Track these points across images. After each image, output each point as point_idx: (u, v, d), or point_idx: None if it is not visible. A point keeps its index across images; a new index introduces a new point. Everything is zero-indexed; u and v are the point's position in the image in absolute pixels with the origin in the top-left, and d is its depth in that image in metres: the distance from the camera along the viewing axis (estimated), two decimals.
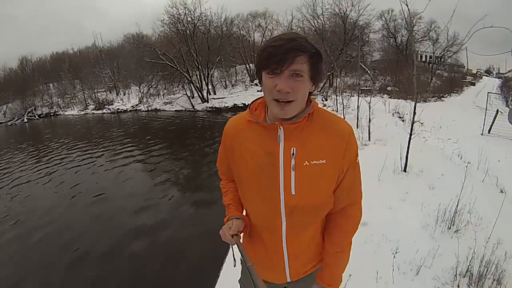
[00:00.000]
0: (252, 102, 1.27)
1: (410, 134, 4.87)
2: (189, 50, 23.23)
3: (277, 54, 0.99)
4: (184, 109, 24.33)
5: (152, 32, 27.35)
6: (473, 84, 30.01)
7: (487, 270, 2.45)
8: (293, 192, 1.13)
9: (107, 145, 13.50)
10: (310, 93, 1.13)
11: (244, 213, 1.35)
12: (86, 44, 40.61)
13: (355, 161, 1.20)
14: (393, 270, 2.59)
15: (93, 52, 37.76)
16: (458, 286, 2.45)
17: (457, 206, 3.23)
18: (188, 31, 23.93)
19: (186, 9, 23.91)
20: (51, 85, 35.85)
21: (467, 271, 2.51)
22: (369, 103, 7.08)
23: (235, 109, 19.84)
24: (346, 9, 21.56)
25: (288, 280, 1.32)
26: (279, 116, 1.09)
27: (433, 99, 16.77)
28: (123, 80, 32.37)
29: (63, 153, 12.84)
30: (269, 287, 1.34)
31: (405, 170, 4.78)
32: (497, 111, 8.24)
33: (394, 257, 2.69)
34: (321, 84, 18.75)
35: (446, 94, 19.37)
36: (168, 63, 23.12)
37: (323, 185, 1.15)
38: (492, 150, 6.09)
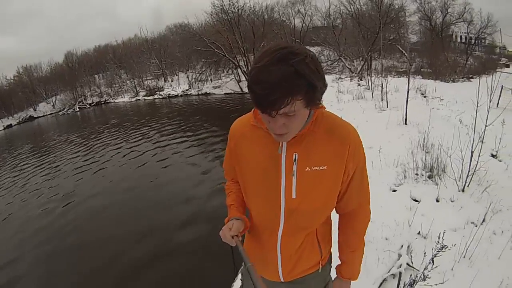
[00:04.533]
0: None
1: (407, 97, 6.96)
2: (235, 38, 24.90)
3: (265, 99, 0.90)
4: (233, 92, 25.98)
5: (195, 21, 29.45)
6: (508, 66, 29.42)
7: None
8: (293, 196, 1.18)
9: (164, 125, 15.60)
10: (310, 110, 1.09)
11: (246, 213, 1.40)
12: (128, 36, 43.53)
13: (363, 166, 1.24)
14: (380, 161, 4.78)
15: (137, 43, 40.02)
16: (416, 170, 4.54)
17: (428, 136, 5.35)
18: (233, 21, 25.65)
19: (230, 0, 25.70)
20: (96, 76, 38.33)
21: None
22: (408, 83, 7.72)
23: None
24: None
25: (282, 279, 1.39)
26: (278, 141, 1.13)
27: (462, 79, 17.48)
28: (170, 67, 34.20)
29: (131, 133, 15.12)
30: (268, 285, 1.37)
31: (405, 123, 6.87)
32: (502, 87, 9.66)
33: (385, 158, 4.88)
34: (359, 68, 19.82)
35: (476, 75, 19.97)
36: (217, 50, 25.03)
37: (323, 190, 1.19)
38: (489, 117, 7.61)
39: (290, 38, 27.16)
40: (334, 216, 1.38)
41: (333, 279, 1.49)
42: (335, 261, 1.48)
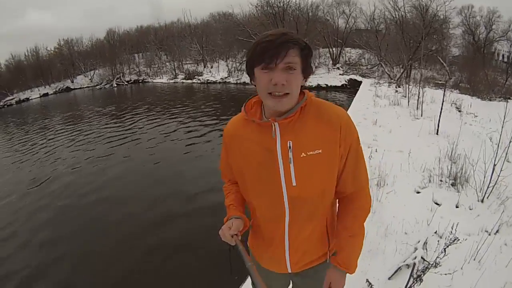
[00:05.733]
0: (246, 101, 1.34)
1: (441, 108, 7.26)
2: None
3: (271, 49, 1.05)
4: None
5: (239, 11, 29.78)
6: None
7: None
8: (294, 184, 1.21)
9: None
10: (301, 87, 1.19)
11: (246, 212, 1.42)
12: (171, 20, 43.68)
13: (356, 147, 1.25)
14: (408, 164, 5.17)
15: (180, 27, 40.54)
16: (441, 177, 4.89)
17: (456, 147, 5.64)
18: (277, 15, 25.84)
19: None
20: (136, 55, 38.84)
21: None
22: (443, 95, 7.97)
23: (318, 88, 20.75)
24: (426, 3, 21.53)
25: (289, 270, 1.40)
26: (276, 109, 1.16)
27: (499, 99, 17.13)
28: (210, 54, 34.35)
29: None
30: (274, 277, 1.48)
31: (437, 133, 7.15)
32: None
33: (413, 162, 5.33)
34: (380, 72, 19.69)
35: None
36: None
37: (322, 174, 1.22)
38: None
39: (333, 37, 26.97)
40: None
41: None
42: None
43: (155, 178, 7.45)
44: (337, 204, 1.43)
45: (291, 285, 1.66)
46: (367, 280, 2.80)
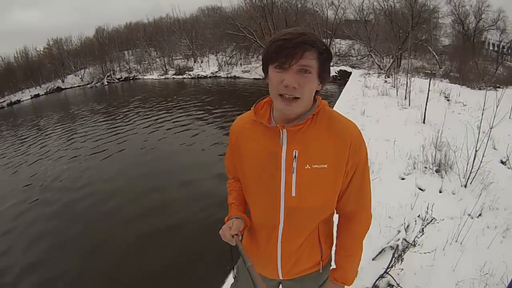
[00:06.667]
0: (257, 101, 1.29)
1: (427, 97, 7.42)
2: (267, 24, 25.11)
3: (287, 48, 0.98)
4: (262, 77, 25.23)
5: (228, 5, 29.59)
6: None
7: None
8: (293, 194, 1.17)
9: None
10: (317, 92, 1.14)
11: (246, 212, 1.40)
12: (160, 15, 43.70)
13: (363, 166, 1.21)
14: (394, 152, 5.33)
15: (168, 22, 40.53)
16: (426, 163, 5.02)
17: (441, 135, 5.77)
18: (266, 7, 25.72)
19: None
20: (126, 52, 38.58)
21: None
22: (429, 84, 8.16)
23: None
24: None
25: (280, 277, 1.39)
26: (284, 112, 1.10)
27: (489, 88, 17.12)
28: (200, 48, 34.35)
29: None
30: (267, 283, 1.44)
31: (424, 122, 7.32)
32: None
33: (399, 150, 5.42)
34: (389, 65, 19.82)
35: (503, 86, 19.39)
36: (249, 36, 25.40)
37: (324, 189, 1.18)
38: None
39: (322, 29, 26.87)
40: (336, 216, 1.40)
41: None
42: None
43: (150, 170, 7.67)
44: (335, 218, 1.41)
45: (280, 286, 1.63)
46: None
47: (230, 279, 2.94)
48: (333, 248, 1.43)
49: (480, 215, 3.78)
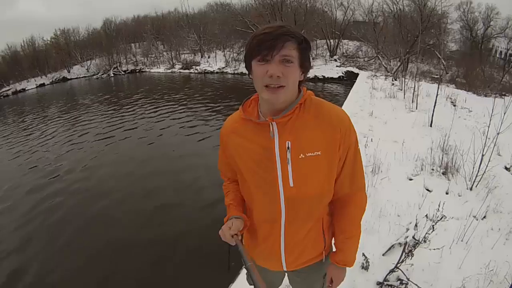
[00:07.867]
0: (245, 100, 1.31)
1: (435, 102, 7.53)
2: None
3: (268, 41, 1.02)
4: None
5: (237, 1, 29.55)
6: None
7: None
8: (291, 184, 1.19)
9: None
10: (300, 82, 1.17)
11: (245, 211, 1.42)
12: (168, 9, 44.37)
13: (354, 149, 1.24)
14: (402, 154, 5.42)
15: (177, 17, 40.47)
16: (433, 166, 5.14)
17: (448, 139, 5.89)
18: (275, 6, 25.87)
19: None
20: (133, 45, 38.93)
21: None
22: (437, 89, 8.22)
23: (315, 80, 20.88)
24: None
25: (285, 269, 1.41)
26: (271, 101, 1.12)
27: (495, 95, 17.10)
28: (208, 44, 34.33)
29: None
30: (271, 274, 1.51)
31: (430, 126, 7.41)
32: None
33: (406, 152, 5.61)
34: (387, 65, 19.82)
35: (509, 94, 19.30)
36: None
37: (320, 176, 1.21)
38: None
39: (331, 29, 26.90)
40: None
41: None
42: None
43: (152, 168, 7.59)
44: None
45: (286, 276, 1.66)
46: (363, 254, 3.05)
47: (230, 280, 2.98)
48: None
49: (484, 217, 3.90)
